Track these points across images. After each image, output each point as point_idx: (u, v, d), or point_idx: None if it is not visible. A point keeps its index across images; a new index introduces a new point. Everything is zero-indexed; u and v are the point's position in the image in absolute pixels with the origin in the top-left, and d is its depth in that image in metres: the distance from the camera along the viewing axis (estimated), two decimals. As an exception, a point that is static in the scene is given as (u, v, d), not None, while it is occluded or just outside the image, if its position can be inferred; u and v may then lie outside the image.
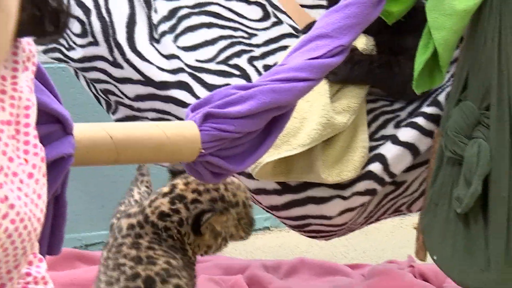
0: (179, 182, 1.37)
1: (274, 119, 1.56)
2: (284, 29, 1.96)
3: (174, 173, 1.43)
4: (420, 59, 1.60)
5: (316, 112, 1.82)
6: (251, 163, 1.56)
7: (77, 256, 2.18)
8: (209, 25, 1.94)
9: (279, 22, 1.95)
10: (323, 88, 1.86)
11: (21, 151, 0.88)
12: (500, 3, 1.57)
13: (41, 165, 0.91)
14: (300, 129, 1.82)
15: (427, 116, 1.82)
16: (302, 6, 2.03)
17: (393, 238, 2.99)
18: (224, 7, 1.97)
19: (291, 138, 1.81)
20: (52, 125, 1.17)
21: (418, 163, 1.88)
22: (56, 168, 1.17)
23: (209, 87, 1.86)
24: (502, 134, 1.57)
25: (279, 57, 1.88)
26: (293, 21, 1.99)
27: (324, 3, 2.03)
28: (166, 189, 1.40)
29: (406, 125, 1.85)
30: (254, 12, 1.97)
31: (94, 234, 2.76)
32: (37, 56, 0.99)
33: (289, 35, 1.97)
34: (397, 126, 1.88)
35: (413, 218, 3.21)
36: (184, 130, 1.45)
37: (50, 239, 1.24)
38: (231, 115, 1.47)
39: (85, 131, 1.30)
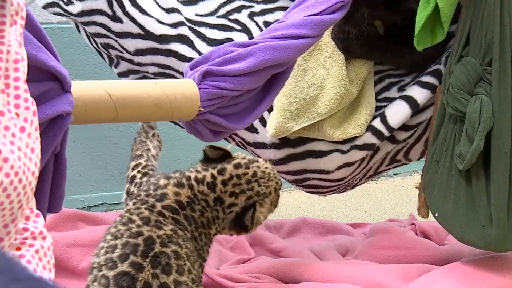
0: (218, 182, 1.37)
1: (274, 77, 1.56)
2: None
3: (208, 158, 1.42)
4: (422, 15, 1.57)
5: (334, 80, 1.82)
6: (251, 121, 1.57)
7: (79, 216, 2.18)
8: None
9: None
10: (340, 57, 1.86)
11: (12, 105, 0.88)
12: (503, -45, 1.55)
13: (33, 119, 0.90)
14: (318, 97, 1.82)
15: (427, 72, 1.82)
16: None
17: (394, 198, 2.99)
18: None
19: (311, 107, 1.82)
20: (50, 82, 1.16)
21: (418, 122, 1.87)
22: (55, 126, 1.17)
23: (209, 41, 1.84)
24: (504, 89, 1.56)
25: (278, 16, 1.86)
26: None
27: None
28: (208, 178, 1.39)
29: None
30: None
31: (96, 195, 2.77)
32: (25, 9, 0.97)
33: None
34: (401, 89, 1.88)
35: (414, 178, 3.22)
36: (183, 88, 1.44)
37: (51, 197, 1.24)
38: (230, 73, 1.46)
39: (83, 89, 1.28)
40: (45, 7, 1.92)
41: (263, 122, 1.86)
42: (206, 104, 1.46)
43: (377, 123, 1.83)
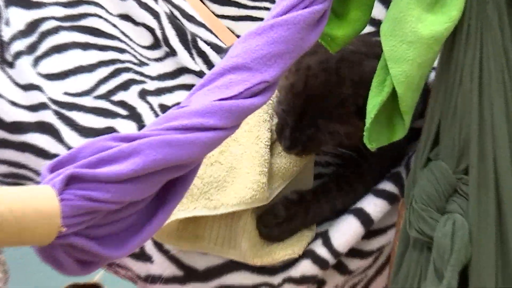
0: None
1: (171, 183, 1.24)
2: (181, 61, 1.62)
3: None
4: (374, 102, 1.24)
5: (252, 164, 1.47)
6: (136, 246, 1.23)
7: None
8: (85, 46, 1.58)
9: (172, 52, 1.63)
10: (265, 134, 1.51)
11: None
12: (481, 28, 1.25)
13: None
14: (226, 181, 1.47)
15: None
16: (223, 17, 1.71)
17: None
18: (106, 20, 1.65)
19: (212, 190, 1.45)
20: None
21: (377, 248, 1.53)
22: None
23: (83, 130, 1.51)
24: (485, 206, 1.24)
25: (180, 98, 1.56)
26: (216, 36, 1.67)
27: (255, 13, 1.69)
28: None
29: None
30: (143, 36, 1.64)
31: None
32: None
33: (188, 71, 1.63)
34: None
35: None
36: (37, 200, 1.12)
37: None
38: (106, 178, 1.15)
39: None
40: None
41: (160, 245, 1.46)
42: (71, 222, 1.12)
43: (318, 247, 1.46)
